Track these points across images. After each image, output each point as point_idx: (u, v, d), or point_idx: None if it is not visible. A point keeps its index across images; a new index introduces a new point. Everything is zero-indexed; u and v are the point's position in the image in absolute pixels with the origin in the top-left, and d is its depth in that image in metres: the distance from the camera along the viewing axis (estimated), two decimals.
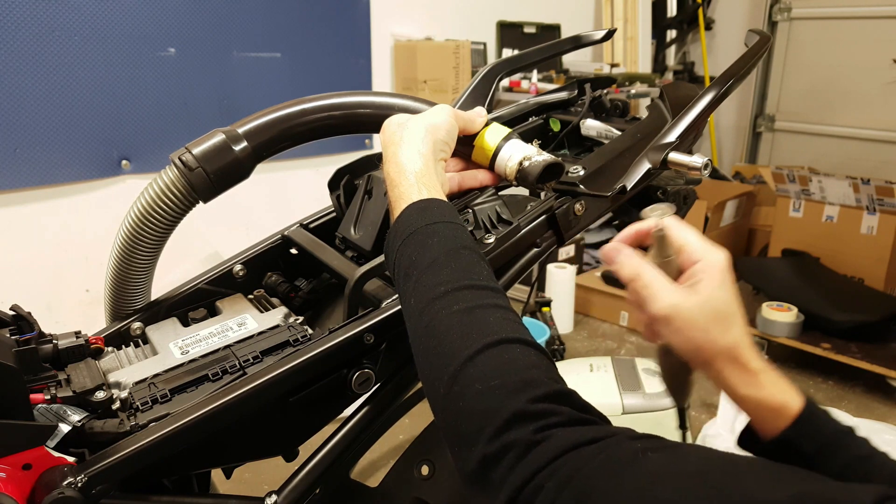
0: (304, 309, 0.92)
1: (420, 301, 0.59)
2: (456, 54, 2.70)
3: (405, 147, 0.69)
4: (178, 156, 0.78)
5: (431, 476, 0.88)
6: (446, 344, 0.55)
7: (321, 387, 0.73)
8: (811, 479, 0.42)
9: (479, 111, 0.79)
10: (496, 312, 0.57)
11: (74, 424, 0.65)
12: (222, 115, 2.26)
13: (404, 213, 0.64)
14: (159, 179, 0.79)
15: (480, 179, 0.80)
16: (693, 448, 0.46)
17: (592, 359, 2.42)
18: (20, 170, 1.90)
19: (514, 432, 0.48)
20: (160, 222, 0.79)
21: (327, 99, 0.85)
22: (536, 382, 0.51)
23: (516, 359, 0.53)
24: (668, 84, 1.05)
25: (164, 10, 2.08)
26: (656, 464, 0.43)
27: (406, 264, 0.62)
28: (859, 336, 2.68)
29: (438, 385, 0.54)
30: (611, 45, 3.62)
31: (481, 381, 0.51)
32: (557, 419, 0.48)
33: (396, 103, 0.87)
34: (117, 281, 0.84)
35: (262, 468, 0.98)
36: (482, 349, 0.53)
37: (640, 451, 0.44)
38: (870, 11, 3.71)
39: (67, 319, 2.07)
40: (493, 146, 0.77)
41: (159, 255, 0.84)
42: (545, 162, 0.74)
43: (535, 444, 0.47)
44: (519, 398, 0.49)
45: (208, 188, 0.79)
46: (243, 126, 0.81)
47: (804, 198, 3.17)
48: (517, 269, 0.79)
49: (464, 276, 0.59)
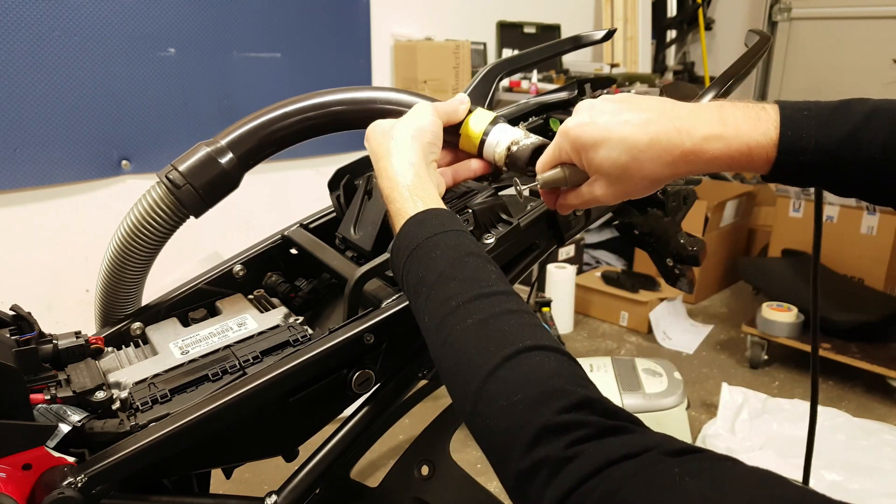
0: (304, 309, 0.92)
1: (433, 318, 0.58)
2: (456, 54, 2.70)
3: (394, 159, 0.68)
4: (164, 174, 0.78)
5: (431, 476, 0.88)
6: (465, 362, 0.54)
7: (321, 387, 0.73)
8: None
9: (461, 98, 0.77)
10: (510, 319, 0.56)
11: (74, 424, 0.65)
12: (222, 115, 2.26)
13: (403, 229, 0.64)
14: (147, 197, 0.78)
15: (474, 168, 0.78)
16: (739, 472, 0.43)
17: (592, 359, 2.42)
18: (20, 170, 1.90)
19: (543, 448, 0.47)
20: (149, 240, 0.79)
21: (307, 100, 0.84)
22: (560, 392, 0.50)
23: (536, 369, 0.52)
24: (668, 84, 1.05)
25: (164, 10, 2.08)
26: (694, 494, 0.41)
27: (414, 281, 0.61)
28: (859, 336, 2.69)
29: (464, 403, 0.53)
30: (611, 45, 3.62)
31: (504, 397, 0.50)
32: (587, 431, 0.47)
33: (377, 97, 0.85)
34: (107, 290, 0.84)
35: (262, 468, 0.98)
36: (501, 363, 0.52)
37: (678, 476, 0.42)
38: (870, 11, 3.71)
39: (67, 319, 2.07)
40: (478, 133, 0.76)
41: (150, 267, 0.84)
42: (534, 144, 0.73)
43: (567, 460, 0.45)
44: (543, 412, 0.48)
45: (198, 203, 0.79)
46: (226, 137, 0.81)
47: (804, 198, 3.17)
48: (517, 269, 0.79)
49: (473, 285, 0.58)
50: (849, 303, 2.79)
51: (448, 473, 0.88)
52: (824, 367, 2.75)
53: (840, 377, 2.74)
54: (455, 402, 0.56)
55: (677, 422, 2.19)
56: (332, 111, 0.85)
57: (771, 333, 2.79)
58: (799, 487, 0.41)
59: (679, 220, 0.92)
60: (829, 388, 2.71)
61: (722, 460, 0.44)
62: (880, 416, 2.47)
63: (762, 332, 2.81)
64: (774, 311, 2.79)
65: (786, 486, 0.41)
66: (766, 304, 2.83)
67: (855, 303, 2.80)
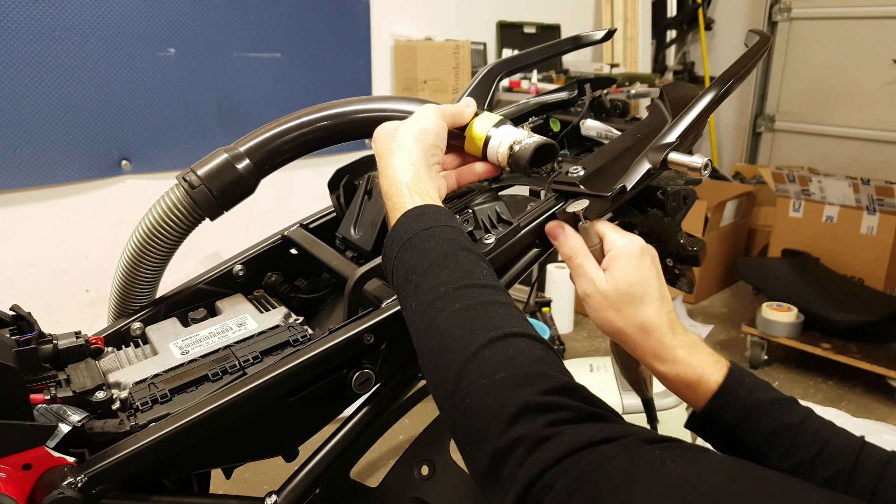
0: (304, 309, 0.92)
1: (421, 303, 0.58)
2: (456, 54, 2.70)
3: (395, 159, 0.69)
4: (182, 176, 0.81)
5: (431, 476, 0.88)
6: (449, 342, 0.54)
7: (321, 387, 0.73)
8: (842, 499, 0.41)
9: (467, 101, 0.78)
10: (499, 309, 0.56)
11: (74, 424, 0.65)
12: (222, 116, 2.26)
13: (399, 222, 0.64)
14: (166, 198, 0.81)
15: (478, 172, 0.79)
16: (716, 459, 0.44)
17: (592, 359, 2.42)
18: (20, 170, 1.90)
19: (522, 426, 0.46)
20: (167, 238, 0.82)
21: (324, 110, 0.86)
22: (544, 376, 0.50)
23: (521, 352, 0.52)
24: (668, 84, 1.05)
25: (164, 10, 2.08)
26: (674, 476, 0.41)
27: (405, 270, 0.61)
28: (859, 336, 2.68)
29: (445, 384, 0.53)
30: (611, 45, 3.62)
31: (487, 376, 0.50)
32: (568, 414, 0.47)
33: (391, 108, 0.87)
34: (124, 287, 0.86)
35: (262, 468, 0.98)
36: (486, 344, 0.52)
37: (659, 459, 0.42)
38: (870, 11, 3.71)
39: (67, 319, 2.07)
40: (482, 135, 0.76)
41: (166, 266, 0.86)
42: (536, 144, 0.73)
43: (544, 439, 0.45)
44: (526, 391, 0.48)
45: (213, 206, 0.81)
46: (245, 144, 0.83)
47: (804, 198, 3.17)
48: (517, 269, 0.79)
49: (464, 276, 0.59)
50: (849, 303, 2.79)
51: (448, 473, 0.89)
52: (824, 367, 2.75)
53: (840, 377, 2.74)
54: (434, 388, 0.55)
55: (677, 422, 2.19)
56: (349, 121, 0.87)
57: (771, 333, 2.79)
58: (774, 473, 0.42)
59: (679, 220, 0.92)
60: (829, 388, 2.71)
61: (701, 449, 0.45)
62: (880, 416, 2.47)
63: (762, 332, 2.81)
64: (774, 312, 2.79)
65: (764, 471, 0.42)
66: (765, 305, 2.83)
67: (855, 303, 2.80)
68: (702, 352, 0.66)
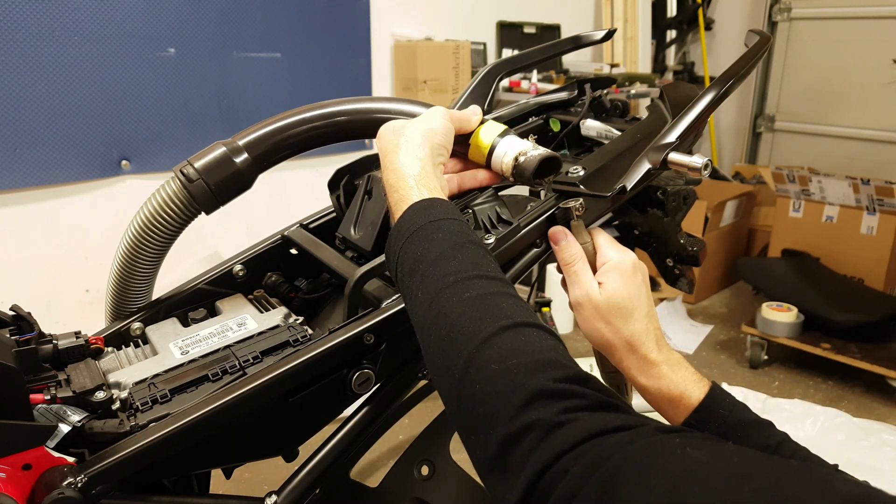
0: (304, 309, 0.92)
1: (428, 292, 0.58)
2: (456, 54, 2.70)
3: (403, 154, 0.69)
4: (179, 168, 0.80)
5: (431, 476, 0.88)
6: (459, 329, 0.53)
7: (321, 387, 0.73)
8: (860, 485, 0.40)
9: (474, 109, 0.78)
10: (508, 300, 0.56)
11: (74, 424, 0.65)
12: (222, 116, 2.26)
13: (407, 213, 0.64)
14: (162, 191, 0.80)
15: (480, 179, 0.80)
16: (735, 448, 0.43)
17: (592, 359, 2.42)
18: (20, 170, 1.90)
19: (535, 411, 0.45)
20: (162, 233, 0.81)
21: (326, 108, 0.85)
22: (556, 364, 0.49)
23: (533, 341, 0.52)
24: (668, 84, 1.05)
25: (163, 10, 2.08)
26: (694, 461, 0.40)
27: (411, 260, 0.61)
28: (859, 336, 2.68)
29: (453, 371, 0.52)
30: (611, 45, 3.61)
31: (498, 362, 0.50)
32: (582, 402, 0.46)
33: (394, 108, 0.87)
34: (120, 284, 0.85)
35: (262, 468, 0.98)
36: (498, 331, 0.52)
37: (679, 446, 0.42)
38: (870, 11, 3.71)
39: (67, 319, 2.07)
40: (488, 143, 0.76)
41: (161, 263, 0.85)
42: (541, 156, 0.73)
43: (559, 424, 0.44)
44: (539, 377, 0.48)
45: (210, 200, 0.80)
46: (244, 138, 0.82)
47: (804, 198, 3.17)
48: (517, 269, 0.79)
49: (472, 267, 0.58)
50: (849, 303, 2.79)
51: (448, 473, 0.89)
52: (824, 367, 2.75)
53: (840, 377, 2.74)
54: (440, 377, 0.55)
55: None
56: (351, 120, 0.86)
57: (771, 333, 2.79)
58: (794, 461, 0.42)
59: (679, 220, 0.92)
60: (829, 388, 2.71)
61: (719, 439, 0.45)
62: (880, 416, 2.47)
63: (762, 332, 2.81)
64: (774, 312, 2.79)
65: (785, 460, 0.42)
66: (765, 305, 2.83)
67: (855, 303, 2.80)
68: (685, 369, 0.67)
